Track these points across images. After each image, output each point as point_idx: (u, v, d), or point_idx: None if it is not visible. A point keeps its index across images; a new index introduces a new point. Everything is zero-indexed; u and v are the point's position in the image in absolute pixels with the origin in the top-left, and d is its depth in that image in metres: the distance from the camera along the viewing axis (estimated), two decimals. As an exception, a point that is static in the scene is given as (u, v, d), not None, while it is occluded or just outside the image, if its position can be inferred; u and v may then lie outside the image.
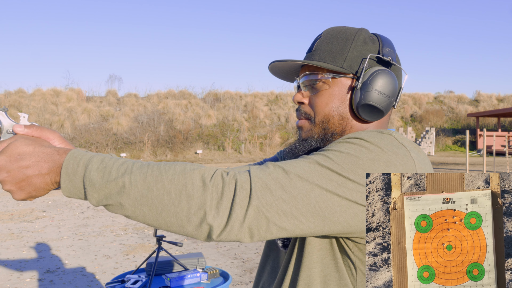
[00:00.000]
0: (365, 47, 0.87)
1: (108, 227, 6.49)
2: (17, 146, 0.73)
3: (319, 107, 0.87)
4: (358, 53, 0.86)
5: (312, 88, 0.89)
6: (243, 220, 0.66)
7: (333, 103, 0.87)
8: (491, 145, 23.41)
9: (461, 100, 30.82)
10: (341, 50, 0.87)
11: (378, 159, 0.71)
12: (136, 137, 22.21)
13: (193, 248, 5.36)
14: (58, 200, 8.87)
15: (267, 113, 25.92)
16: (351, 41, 0.87)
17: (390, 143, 0.74)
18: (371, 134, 0.76)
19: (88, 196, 0.69)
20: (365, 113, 0.85)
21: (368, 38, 0.88)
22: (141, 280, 2.38)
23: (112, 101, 25.93)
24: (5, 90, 25.46)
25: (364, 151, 0.71)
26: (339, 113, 0.86)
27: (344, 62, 0.86)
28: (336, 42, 0.88)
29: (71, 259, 4.92)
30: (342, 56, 0.86)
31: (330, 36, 0.89)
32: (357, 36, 0.88)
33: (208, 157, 21.57)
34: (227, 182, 0.67)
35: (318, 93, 0.88)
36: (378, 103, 0.83)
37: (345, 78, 0.86)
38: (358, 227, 0.70)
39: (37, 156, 0.72)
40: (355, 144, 0.73)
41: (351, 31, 0.89)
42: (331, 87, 0.87)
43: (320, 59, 0.88)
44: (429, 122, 27.88)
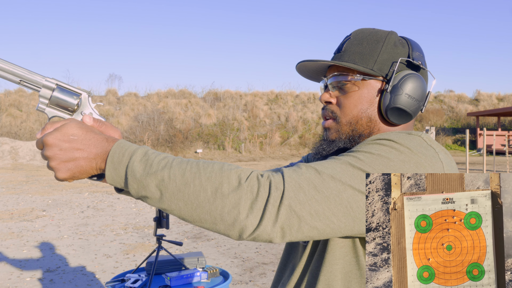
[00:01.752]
0: (395, 50, 0.87)
1: (108, 227, 6.49)
2: (72, 127, 0.75)
3: (348, 109, 0.87)
4: (389, 56, 0.87)
5: (341, 89, 0.89)
6: (275, 219, 0.66)
7: (362, 105, 0.87)
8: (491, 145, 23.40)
9: (461, 99, 30.81)
10: (372, 52, 0.87)
11: (408, 160, 0.72)
12: (136, 136, 22.21)
13: (193, 247, 5.37)
14: (58, 200, 8.87)
15: (267, 112, 25.92)
16: (382, 44, 0.87)
17: (419, 145, 0.75)
18: (400, 135, 0.76)
19: (128, 185, 0.71)
20: (393, 116, 0.85)
21: (398, 42, 0.89)
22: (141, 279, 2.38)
23: (112, 100, 25.93)
24: (5, 90, 25.51)
25: (394, 152, 0.72)
26: (367, 115, 0.87)
27: (375, 65, 0.86)
28: (367, 44, 0.88)
29: (71, 258, 4.93)
30: (373, 59, 0.86)
31: (360, 37, 0.89)
32: (388, 39, 0.88)
33: (208, 157, 21.57)
34: (262, 183, 0.68)
35: (347, 94, 0.88)
36: (407, 106, 0.84)
37: (375, 81, 0.86)
38: None
39: (88, 140, 0.75)
40: (385, 146, 0.74)
41: (382, 33, 0.89)
42: (360, 89, 0.87)
43: (350, 60, 0.87)
44: (429, 122, 27.87)
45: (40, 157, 19.24)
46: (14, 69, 0.80)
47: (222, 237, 5.83)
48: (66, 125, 0.76)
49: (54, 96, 0.81)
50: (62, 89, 0.82)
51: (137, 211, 7.72)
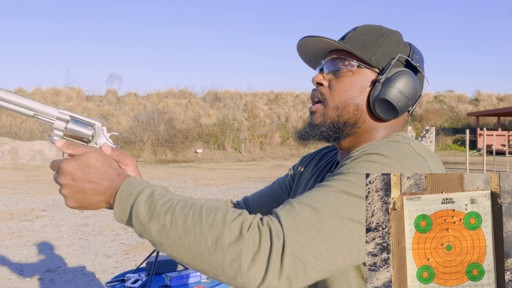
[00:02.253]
0: (397, 47, 0.88)
1: (108, 226, 6.49)
2: (89, 159, 0.76)
3: (338, 92, 0.87)
4: (389, 51, 0.87)
5: (335, 73, 0.88)
6: (280, 270, 0.63)
7: (352, 91, 0.86)
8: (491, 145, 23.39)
9: (461, 99, 30.81)
10: (373, 43, 0.87)
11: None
12: (136, 136, 22.20)
13: (193, 247, 5.37)
14: (58, 199, 8.87)
15: (267, 112, 25.91)
16: (385, 38, 0.88)
17: (409, 155, 0.74)
18: (389, 147, 0.75)
19: (133, 226, 0.71)
20: (380, 109, 0.84)
21: (402, 41, 0.90)
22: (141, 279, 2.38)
23: (112, 100, 25.92)
24: (5, 89, 25.43)
25: (386, 169, 0.70)
26: (355, 102, 0.86)
27: (373, 55, 0.86)
28: (370, 36, 0.88)
29: (71, 258, 4.93)
30: (373, 49, 0.87)
31: (365, 29, 0.90)
32: (392, 36, 0.89)
33: (208, 157, 21.57)
34: (263, 232, 0.65)
35: (340, 78, 0.87)
36: (396, 101, 0.83)
37: (370, 71, 0.87)
38: None
39: (101, 174, 0.75)
40: (376, 163, 0.71)
41: (387, 30, 0.90)
42: (354, 75, 0.86)
43: (351, 47, 0.87)
44: (429, 121, 27.87)
45: (40, 157, 19.24)
46: (28, 103, 0.81)
47: (222, 237, 5.84)
48: (86, 155, 0.76)
49: (69, 128, 0.82)
50: (76, 121, 0.83)
51: (137, 211, 7.72)
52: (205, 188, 10.60)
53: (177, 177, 13.24)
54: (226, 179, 12.39)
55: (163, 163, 19.22)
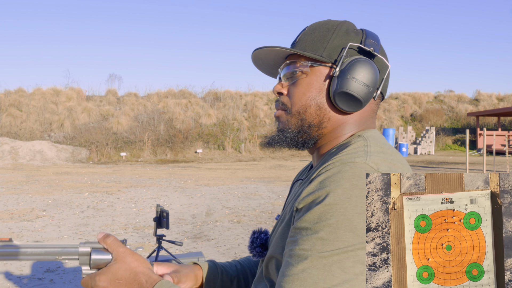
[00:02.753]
0: (346, 37, 0.85)
1: (108, 227, 6.49)
2: (118, 270, 0.79)
3: (297, 97, 0.85)
4: (339, 43, 0.85)
5: (291, 77, 0.87)
6: None
7: (311, 92, 0.85)
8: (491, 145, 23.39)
9: (461, 99, 30.81)
10: (322, 39, 0.86)
11: (359, 203, 0.67)
12: (136, 136, 22.20)
13: (193, 247, 5.37)
14: (58, 199, 8.87)
15: (267, 112, 25.90)
16: (333, 32, 0.86)
17: (362, 178, 0.69)
18: (339, 180, 0.70)
19: None
20: (342, 102, 0.82)
21: (352, 30, 0.87)
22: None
23: (112, 100, 25.92)
24: (5, 89, 25.46)
25: (340, 210, 0.67)
26: (316, 103, 0.84)
27: (324, 51, 0.85)
28: (318, 32, 0.87)
29: (71, 258, 4.93)
30: (322, 46, 0.85)
31: (313, 28, 0.88)
32: (339, 27, 0.86)
33: (208, 157, 21.57)
34: None
35: (296, 82, 0.86)
36: (355, 91, 0.81)
37: (324, 67, 0.85)
38: None
39: (130, 284, 0.78)
40: (335, 205, 0.68)
41: (334, 22, 0.88)
42: (309, 76, 0.85)
43: (301, 49, 0.86)
44: (429, 121, 27.86)
45: (40, 157, 19.24)
46: (50, 249, 0.83)
47: (222, 237, 5.83)
48: (115, 266, 0.79)
49: (93, 259, 0.84)
50: (97, 250, 0.85)
51: (137, 211, 7.72)
52: (205, 188, 10.60)
53: (177, 177, 13.24)
54: (226, 179, 12.39)
55: (163, 163, 19.22)
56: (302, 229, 0.70)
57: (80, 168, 16.82)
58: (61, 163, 19.02)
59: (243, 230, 6.19)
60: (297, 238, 0.70)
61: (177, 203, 8.45)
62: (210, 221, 6.82)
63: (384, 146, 0.79)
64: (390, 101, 29.43)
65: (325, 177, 0.72)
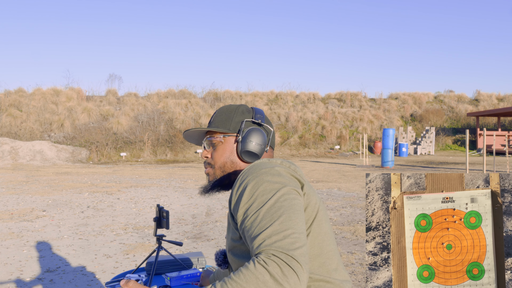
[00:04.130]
0: (243, 115, 1.32)
1: (108, 227, 6.49)
2: None
3: (218, 158, 1.30)
4: (239, 119, 1.31)
5: (212, 146, 1.32)
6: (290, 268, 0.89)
7: (226, 153, 1.29)
8: (491, 145, 23.39)
9: (461, 100, 30.79)
10: (228, 119, 1.32)
11: (270, 173, 1.05)
12: (136, 137, 22.19)
13: (193, 247, 5.37)
14: (58, 200, 8.87)
15: (267, 113, 25.89)
16: (234, 113, 1.32)
17: (262, 165, 1.10)
18: (253, 171, 1.08)
19: None
20: (246, 156, 1.26)
21: (246, 110, 1.33)
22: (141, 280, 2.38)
23: (112, 100, 25.91)
24: (5, 90, 25.45)
25: (265, 174, 1.05)
26: (230, 160, 1.29)
27: (230, 126, 1.30)
28: (225, 114, 1.33)
29: (71, 258, 4.92)
30: (229, 123, 1.31)
31: (221, 111, 1.35)
32: (238, 109, 1.33)
33: (208, 157, 21.53)
34: (276, 264, 0.89)
35: (216, 148, 1.31)
36: (253, 149, 1.25)
37: (232, 137, 1.30)
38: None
39: None
40: (256, 182, 1.03)
41: (235, 106, 1.34)
42: (223, 144, 1.30)
43: (215, 126, 1.32)
44: (429, 122, 27.85)
45: (40, 157, 19.24)
46: None
47: (222, 237, 5.83)
48: None
49: None
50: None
51: (137, 211, 7.72)
52: (205, 188, 10.58)
53: (177, 177, 13.23)
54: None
55: (163, 163, 19.21)
56: (245, 208, 1.00)
57: (80, 168, 16.82)
58: (61, 163, 19.01)
59: (243, 230, 6.18)
60: (247, 214, 0.99)
61: (177, 203, 8.45)
62: (210, 221, 6.82)
63: (273, 160, 1.16)
64: (390, 101, 29.42)
65: (240, 177, 1.08)
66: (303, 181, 1.05)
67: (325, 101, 29.12)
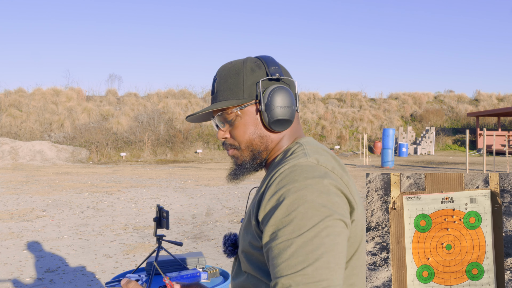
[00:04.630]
0: (254, 74, 1.02)
1: (108, 227, 6.49)
2: None
3: (241, 137, 1.02)
4: (252, 81, 1.01)
5: (228, 123, 1.04)
6: None
7: (249, 129, 1.02)
8: (491, 145, 23.39)
9: (461, 100, 30.80)
10: (237, 85, 1.02)
11: (314, 190, 0.82)
12: (136, 137, 22.19)
13: (193, 247, 5.36)
14: (58, 200, 8.87)
15: (267, 113, 25.84)
16: (242, 74, 1.02)
17: (312, 171, 0.86)
18: (291, 180, 0.85)
19: None
20: (277, 127, 1.00)
21: (254, 66, 1.03)
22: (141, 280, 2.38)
23: (112, 100, 25.91)
24: (5, 90, 25.45)
25: (309, 193, 0.82)
26: (257, 135, 1.02)
27: (244, 93, 1.01)
28: (230, 79, 1.03)
29: (71, 258, 4.92)
30: (240, 89, 1.01)
31: (224, 75, 1.04)
32: (245, 68, 1.03)
33: (208, 157, 21.56)
34: None
35: (234, 125, 1.03)
36: (283, 116, 0.99)
37: (251, 106, 1.02)
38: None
39: None
40: (296, 197, 0.82)
41: (239, 65, 1.04)
42: (243, 118, 1.02)
43: (224, 98, 1.02)
44: (429, 122, 27.85)
45: (40, 157, 19.24)
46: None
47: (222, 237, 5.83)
48: None
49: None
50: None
51: (137, 211, 7.72)
52: (205, 188, 10.60)
53: (177, 177, 13.24)
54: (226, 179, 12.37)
55: (163, 163, 19.21)
56: (278, 224, 0.82)
57: (80, 168, 16.81)
58: (61, 163, 19.01)
59: (243, 230, 6.19)
60: (277, 233, 0.81)
61: (177, 203, 8.45)
62: (210, 221, 6.82)
63: (316, 147, 0.96)
64: (390, 101, 29.42)
65: (279, 179, 0.87)
66: (354, 203, 0.84)
67: (325, 101, 29.12)
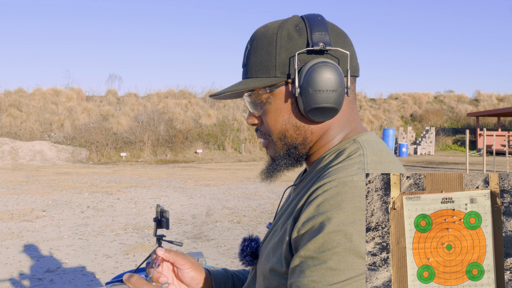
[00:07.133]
0: (291, 43, 0.78)
1: (108, 227, 6.49)
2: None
3: (271, 126, 0.82)
4: (287, 54, 0.78)
5: (258, 107, 0.83)
6: None
7: (282, 117, 0.80)
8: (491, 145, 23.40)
9: (461, 100, 30.82)
10: (269, 57, 0.79)
11: (358, 220, 0.64)
12: (136, 137, 22.20)
13: (193, 247, 5.37)
14: (58, 200, 8.87)
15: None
16: (275, 44, 0.79)
17: (359, 204, 0.65)
18: (345, 197, 0.66)
19: None
20: (317, 116, 0.77)
21: (294, 31, 0.79)
22: (141, 280, 2.38)
23: (112, 100, 25.92)
24: (5, 90, 25.46)
25: (355, 233, 0.64)
26: (292, 124, 0.80)
27: (276, 70, 0.78)
28: (261, 50, 0.80)
29: (71, 258, 4.92)
30: (272, 64, 0.78)
31: (255, 44, 0.82)
32: (280, 36, 0.78)
33: (208, 157, 21.56)
34: None
35: (265, 111, 0.82)
36: (323, 102, 0.75)
37: (284, 87, 0.79)
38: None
39: None
40: (339, 231, 0.64)
41: (272, 31, 0.80)
42: (274, 101, 0.80)
43: (253, 75, 0.81)
44: (429, 122, 27.86)
45: (40, 157, 19.24)
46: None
47: (222, 237, 5.83)
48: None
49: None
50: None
51: (137, 211, 7.72)
52: (205, 188, 10.60)
53: (177, 177, 13.24)
54: (226, 179, 12.39)
55: (163, 163, 19.22)
56: (307, 258, 0.66)
57: (80, 168, 16.82)
58: (61, 163, 19.01)
59: (243, 231, 6.19)
60: (304, 269, 0.66)
61: (177, 203, 8.45)
62: (210, 221, 6.82)
63: (381, 153, 0.74)
64: (390, 101, 29.43)
65: (324, 199, 0.67)
66: None
67: (325, 101, 29.14)
